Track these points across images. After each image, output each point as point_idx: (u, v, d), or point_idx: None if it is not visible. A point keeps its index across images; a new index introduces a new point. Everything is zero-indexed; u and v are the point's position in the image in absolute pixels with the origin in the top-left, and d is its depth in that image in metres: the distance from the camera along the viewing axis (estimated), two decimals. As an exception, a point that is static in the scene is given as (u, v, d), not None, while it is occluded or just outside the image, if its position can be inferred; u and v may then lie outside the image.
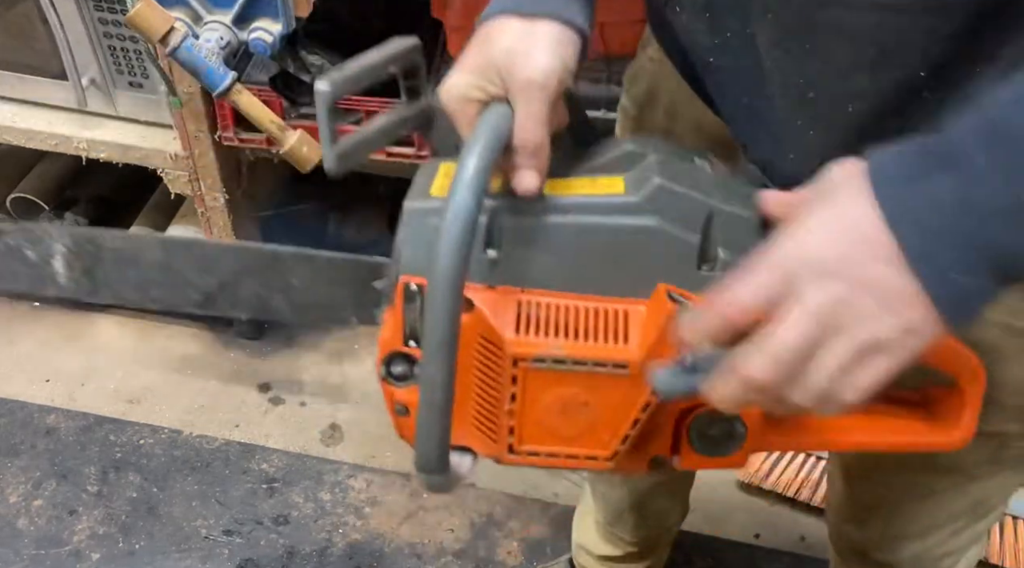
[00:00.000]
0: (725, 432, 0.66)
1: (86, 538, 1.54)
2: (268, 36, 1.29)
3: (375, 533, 1.55)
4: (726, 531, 1.56)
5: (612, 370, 0.61)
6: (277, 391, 1.76)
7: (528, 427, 0.64)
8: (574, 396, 0.62)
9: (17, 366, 1.79)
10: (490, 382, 0.64)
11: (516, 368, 0.62)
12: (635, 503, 1.24)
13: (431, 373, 0.57)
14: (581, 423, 0.64)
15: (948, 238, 0.48)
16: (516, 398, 0.63)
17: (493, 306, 0.62)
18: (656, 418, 0.64)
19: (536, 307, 0.62)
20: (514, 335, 0.61)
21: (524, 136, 0.60)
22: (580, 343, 0.61)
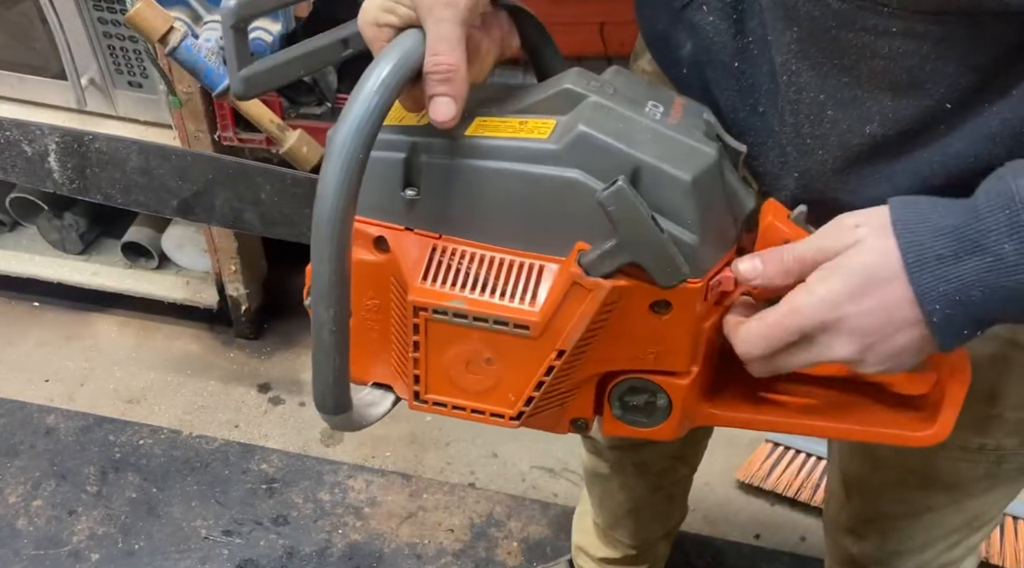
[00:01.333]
0: (647, 402, 0.64)
1: (85, 538, 1.54)
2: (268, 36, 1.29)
3: (375, 533, 1.55)
4: (726, 531, 1.56)
5: (514, 330, 0.59)
6: (277, 391, 1.76)
7: (433, 376, 0.63)
8: (477, 352, 0.61)
9: (17, 366, 1.79)
10: (400, 327, 0.63)
11: (417, 317, 0.60)
12: (633, 508, 1.23)
13: (317, 315, 0.55)
14: (486, 379, 0.62)
15: (971, 313, 0.53)
16: (419, 347, 0.62)
17: (406, 249, 0.60)
18: (570, 379, 0.62)
19: (450, 255, 0.60)
20: (420, 283, 0.60)
21: (433, 59, 0.55)
22: (484, 298, 0.59)
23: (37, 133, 0.80)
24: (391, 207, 0.60)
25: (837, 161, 0.62)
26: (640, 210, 0.53)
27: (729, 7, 0.65)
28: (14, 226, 1.89)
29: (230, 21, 0.59)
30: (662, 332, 0.60)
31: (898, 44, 0.56)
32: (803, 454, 1.60)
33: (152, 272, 1.81)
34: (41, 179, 0.81)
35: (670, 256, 0.55)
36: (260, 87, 0.62)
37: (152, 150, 0.78)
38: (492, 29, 0.60)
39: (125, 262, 1.82)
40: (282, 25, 1.30)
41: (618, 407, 0.65)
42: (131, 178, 0.80)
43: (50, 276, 1.81)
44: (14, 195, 1.82)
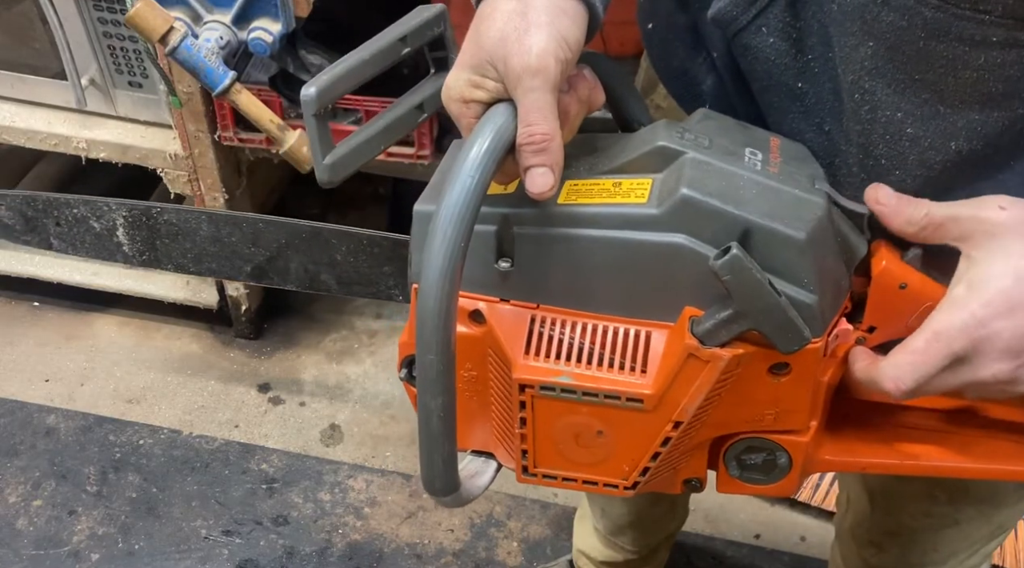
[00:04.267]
0: (767, 462, 0.61)
1: (86, 538, 1.53)
2: (268, 36, 1.29)
3: (375, 533, 1.55)
4: (726, 531, 1.56)
5: (626, 403, 0.57)
6: (277, 391, 1.76)
7: (542, 451, 0.61)
8: (587, 425, 0.59)
9: (17, 366, 1.79)
10: (503, 400, 0.61)
11: (523, 394, 0.58)
12: (635, 517, 1.23)
13: (424, 403, 0.54)
14: (597, 451, 0.60)
15: None
16: (525, 423, 0.60)
17: (504, 322, 0.58)
18: (685, 445, 0.60)
19: (550, 326, 0.58)
20: (523, 357, 0.58)
21: (527, 131, 0.53)
22: (592, 372, 0.57)
23: (104, 209, 0.81)
24: (485, 279, 0.58)
25: (917, 180, 0.58)
26: (757, 277, 0.51)
27: (789, 26, 0.61)
28: (14, 226, 1.89)
29: (312, 110, 0.58)
30: (781, 393, 0.58)
31: (995, 54, 0.53)
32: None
33: (152, 272, 1.81)
34: (111, 253, 0.82)
35: (790, 321, 0.52)
36: (346, 171, 0.61)
37: (222, 219, 0.78)
38: (579, 88, 0.58)
39: (125, 262, 1.82)
40: (282, 25, 1.30)
41: (735, 467, 0.63)
42: (202, 247, 0.79)
43: (50, 276, 1.81)
44: (14, 195, 1.82)
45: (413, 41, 0.63)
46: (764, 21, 0.61)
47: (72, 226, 0.83)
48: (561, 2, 0.54)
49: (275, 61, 1.42)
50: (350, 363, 1.80)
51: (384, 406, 1.71)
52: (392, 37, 0.62)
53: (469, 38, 0.56)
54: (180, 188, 1.60)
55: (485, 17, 0.55)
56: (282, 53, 1.38)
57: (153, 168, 1.58)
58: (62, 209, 0.82)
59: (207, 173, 1.56)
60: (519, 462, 0.62)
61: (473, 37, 0.55)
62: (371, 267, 0.76)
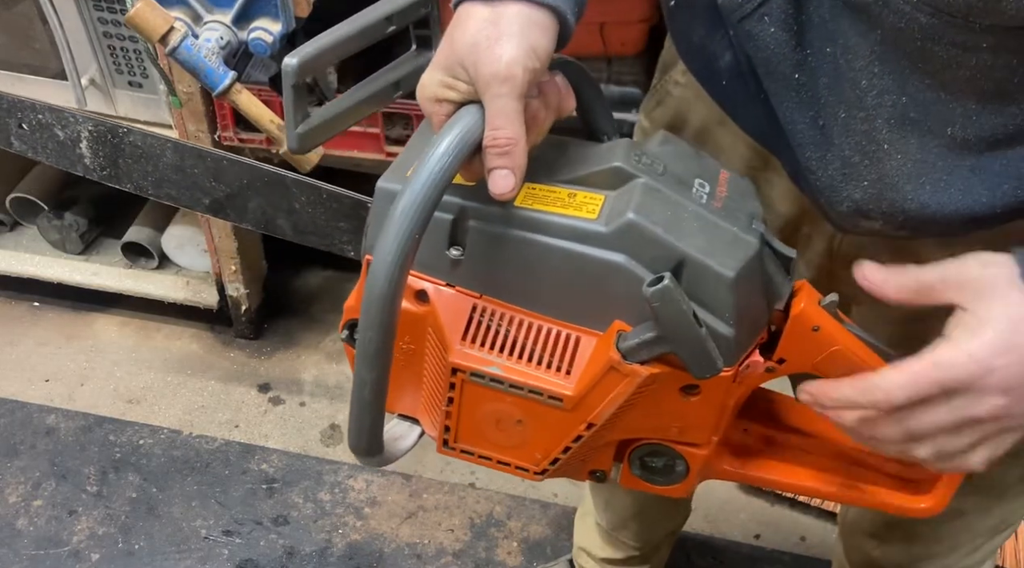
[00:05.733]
0: (667, 466, 0.66)
1: (86, 538, 1.54)
2: (268, 36, 1.29)
3: (375, 533, 1.55)
4: (726, 531, 1.56)
5: (547, 400, 0.61)
6: (277, 391, 1.76)
7: (463, 428, 0.65)
8: (509, 413, 0.63)
9: (17, 366, 1.79)
10: (435, 377, 0.65)
11: (455, 377, 0.62)
12: (638, 511, 1.23)
13: (360, 373, 0.57)
14: (514, 437, 0.64)
15: None
16: (452, 402, 0.64)
17: (447, 306, 0.62)
18: (595, 443, 0.64)
19: (489, 316, 0.62)
20: (459, 343, 0.61)
21: (492, 134, 0.56)
22: (521, 366, 0.61)
23: (71, 120, 0.81)
24: (435, 263, 0.61)
25: (916, 165, 0.61)
26: (683, 308, 0.54)
27: (791, 19, 0.63)
28: (14, 226, 1.89)
29: (291, 80, 0.60)
30: (689, 411, 0.62)
31: (986, 58, 0.55)
32: (803, 454, 1.61)
33: (152, 272, 1.81)
34: (71, 163, 0.82)
35: (707, 351, 0.56)
36: (315, 141, 0.64)
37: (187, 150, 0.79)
38: (549, 95, 0.60)
39: (125, 262, 1.82)
40: (282, 25, 1.30)
41: (637, 467, 0.67)
42: (163, 173, 0.80)
43: (50, 276, 1.81)
44: (14, 195, 1.82)
45: (400, 20, 0.65)
46: (767, 10, 0.63)
47: (35, 130, 0.83)
48: (532, 13, 0.56)
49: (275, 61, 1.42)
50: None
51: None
52: (379, 15, 0.64)
53: (445, 40, 0.58)
54: (180, 188, 1.60)
55: (460, 23, 0.57)
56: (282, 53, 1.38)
57: (153, 168, 1.58)
58: (27, 112, 0.83)
59: (207, 173, 1.56)
60: (441, 435, 0.67)
61: (448, 40, 0.58)
62: (328, 220, 0.78)
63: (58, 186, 1.85)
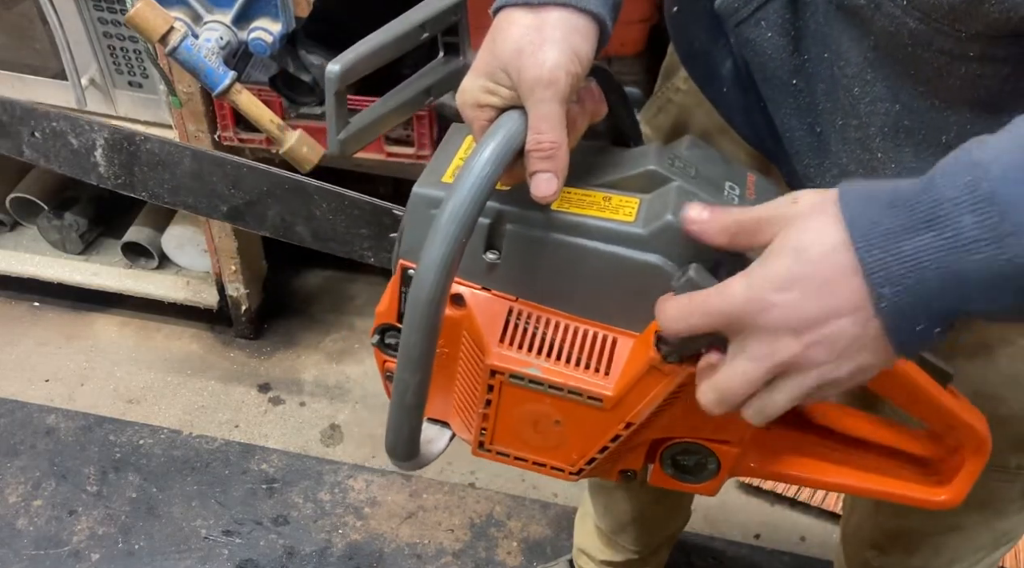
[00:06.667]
0: (698, 464, 0.67)
1: (86, 538, 1.54)
2: (268, 36, 1.29)
3: (375, 533, 1.55)
4: (726, 531, 1.56)
5: (587, 401, 0.61)
6: (277, 391, 1.76)
7: (500, 430, 0.66)
8: (547, 414, 0.63)
9: (17, 366, 1.79)
10: (470, 379, 0.65)
11: (493, 379, 0.62)
12: (637, 516, 1.23)
13: (403, 378, 0.58)
14: (551, 438, 0.65)
15: (926, 301, 0.47)
16: (490, 404, 0.64)
17: (484, 309, 0.62)
18: (631, 443, 0.64)
19: (526, 319, 0.62)
20: (498, 346, 0.62)
21: (536, 138, 0.57)
22: (560, 367, 0.61)
23: (86, 128, 0.80)
24: (471, 267, 0.62)
25: (911, 174, 0.57)
26: None
27: (788, 24, 0.63)
28: (14, 226, 1.89)
29: (334, 87, 0.61)
30: None
31: (975, 67, 0.54)
32: (803, 454, 1.61)
33: (152, 272, 1.81)
34: (85, 171, 0.81)
35: None
36: (355, 147, 0.65)
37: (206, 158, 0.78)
38: (585, 101, 0.61)
39: (125, 262, 1.82)
40: (282, 25, 1.30)
41: (669, 465, 0.67)
42: (181, 181, 0.80)
43: (50, 276, 1.81)
44: (14, 195, 1.82)
45: (432, 27, 0.66)
46: (764, 15, 0.63)
47: (49, 138, 0.82)
48: (574, 19, 0.57)
49: (275, 61, 1.42)
50: (350, 363, 1.80)
51: (384, 406, 1.70)
52: (413, 22, 0.65)
53: (485, 47, 0.59)
54: (180, 188, 1.60)
55: (502, 29, 0.58)
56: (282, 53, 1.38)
57: (153, 168, 1.58)
58: (40, 120, 0.82)
59: (207, 173, 1.56)
60: (476, 437, 0.67)
61: (489, 47, 0.58)
62: (348, 227, 0.77)
63: (58, 186, 1.85)
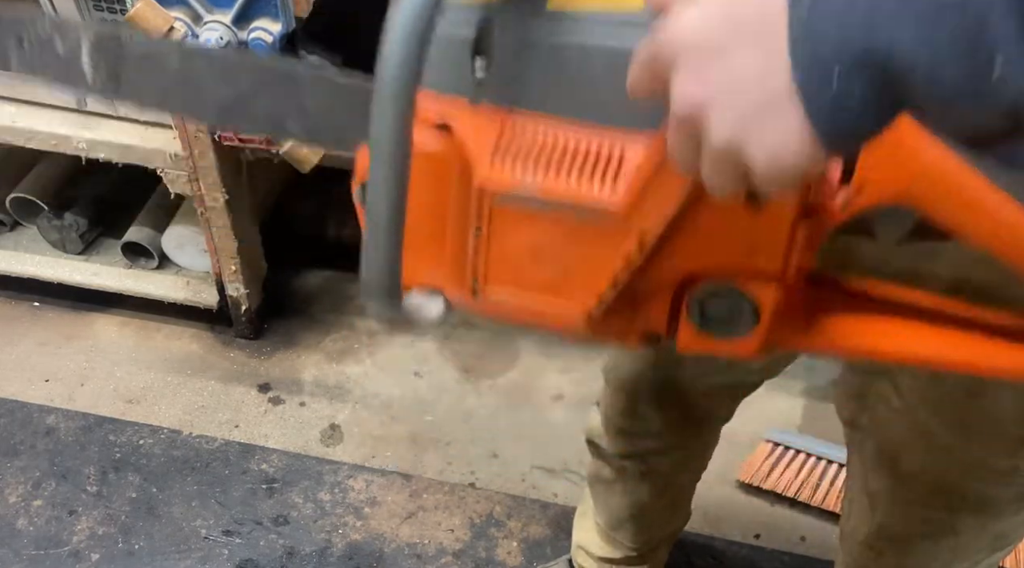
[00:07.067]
0: (732, 310, 0.56)
1: (86, 538, 1.54)
2: (268, 36, 1.29)
3: (375, 533, 1.55)
4: (726, 531, 1.56)
5: (592, 216, 0.53)
6: (277, 391, 1.76)
7: (494, 269, 0.57)
8: (548, 241, 0.55)
9: (17, 366, 1.79)
10: (460, 215, 0.57)
11: (482, 203, 0.55)
12: (636, 513, 1.23)
13: (374, 194, 0.50)
14: (554, 272, 0.56)
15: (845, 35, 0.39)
16: (480, 232, 0.56)
17: (473, 128, 0.54)
18: (646, 282, 0.55)
19: (521, 133, 0.54)
20: (488, 164, 0.54)
21: None
22: (560, 180, 0.53)
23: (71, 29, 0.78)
24: (457, 81, 0.54)
25: None
26: None
27: None
28: (14, 226, 1.89)
29: None
30: (754, 228, 0.53)
31: None
32: (803, 454, 1.60)
33: (152, 272, 1.81)
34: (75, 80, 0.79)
35: None
36: None
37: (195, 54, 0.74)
38: None
39: (125, 262, 1.82)
40: (282, 25, 1.30)
41: (697, 315, 0.57)
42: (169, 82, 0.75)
43: (50, 276, 1.81)
44: (14, 195, 1.82)
45: None
46: None
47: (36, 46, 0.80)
48: None
49: (275, 61, 1.42)
50: (350, 363, 1.80)
51: (384, 406, 1.71)
52: None
53: None
54: (180, 188, 1.60)
55: None
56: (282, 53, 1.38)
57: (153, 168, 1.58)
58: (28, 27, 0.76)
59: (207, 173, 1.56)
60: (469, 283, 0.58)
61: None
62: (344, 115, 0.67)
63: (58, 186, 1.85)
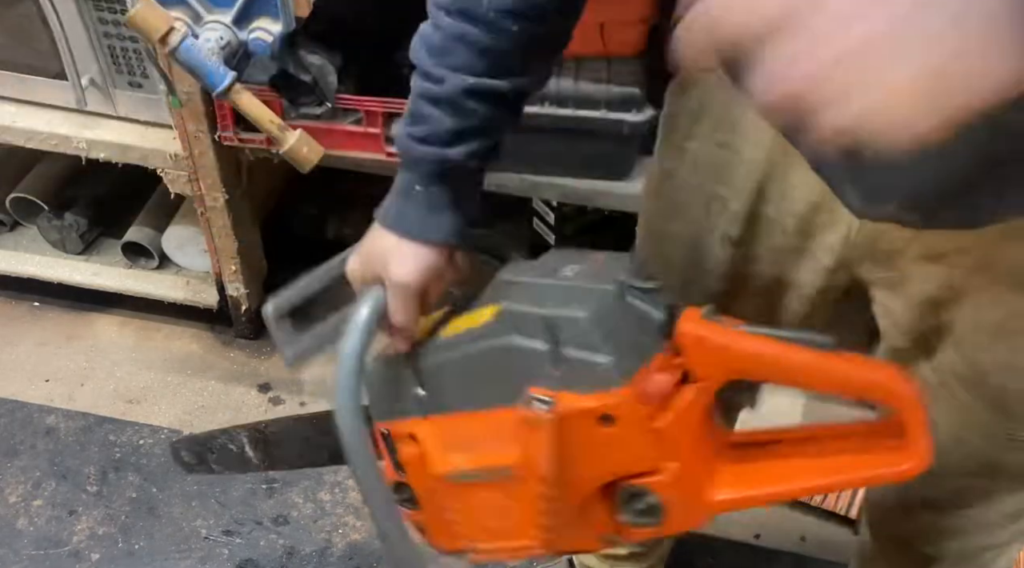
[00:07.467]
0: (648, 504, 0.69)
1: (86, 538, 1.54)
2: (268, 36, 1.29)
3: (375, 533, 1.55)
4: (726, 531, 1.56)
5: (503, 474, 0.70)
6: (277, 391, 1.76)
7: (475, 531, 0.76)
8: (494, 499, 0.72)
9: (17, 366, 1.79)
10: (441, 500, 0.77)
11: (443, 484, 0.74)
12: None
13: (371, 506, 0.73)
14: (507, 521, 0.73)
15: None
16: (455, 510, 0.76)
17: (429, 436, 0.75)
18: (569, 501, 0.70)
19: (453, 428, 0.73)
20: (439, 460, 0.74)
21: (392, 319, 0.75)
22: (475, 456, 0.72)
23: None
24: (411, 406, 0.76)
25: None
26: None
27: None
28: (14, 226, 1.89)
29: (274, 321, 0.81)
30: (618, 442, 0.67)
31: None
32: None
33: (152, 272, 1.81)
34: None
35: None
36: (308, 361, 0.84)
37: None
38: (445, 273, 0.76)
39: (125, 262, 1.82)
40: (282, 25, 1.30)
41: (631, 516, 0.70)
42: None
43: (50, 276, 1.81)
44: (14, 195, 1.82)
45: None
46: None
47: None
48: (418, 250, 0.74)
49: (275, 61, 1.42)
50: (350, 363, 1.80)
51: (384, 406, 1.71)
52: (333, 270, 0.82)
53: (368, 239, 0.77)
54: (180, 188, 1.60)
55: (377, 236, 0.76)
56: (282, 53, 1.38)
57: (153, 168, 1.58)
58: None
59: (207, 173, 1.56)
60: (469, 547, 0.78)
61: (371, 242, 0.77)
62: None
63: (58, 186, 1.85)
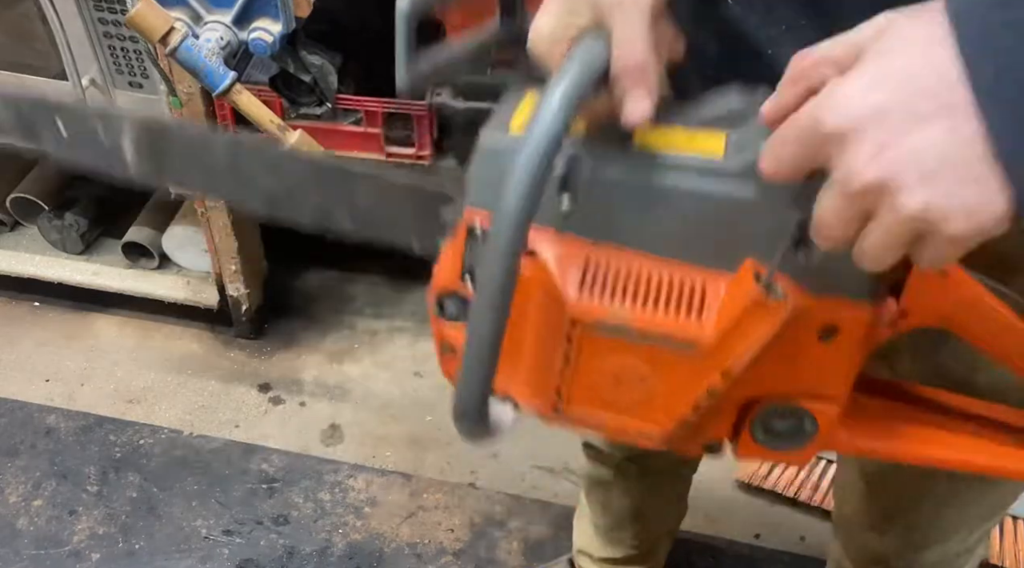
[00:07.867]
0: (793, 427, 0.61)
1: (86, 538, 1.54)
2: (268, 36, 1.29)
3: (375, 533, 1.55)
4: (726, 531, 1.56)
5: (679, 347, 0.56)
6: (277, 391, 1.76)
7: (578, 391, 0.60)
8: (632, 368, 0.58)
9: (17, 366, 1.79)
10: (545, 337, 0.60)
11: (573, 330, 0.57)
12: (635, 512, 1.23)
13: (479, 326, 0.53)
14: (636, 395, 0.59)
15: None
16: (569, 360, 0.59)
17: (559, 258, 0.57)
18: (719, 402, 0.59)
19: (606, 265, 0.57)
20: (577, 295, 0.57)
21: (624, 55, 0.52)
22: (648, 312, 0.56)
23: None
24: (543, 212, 0.56)
25: None
26: None
27: None
28: (14, 226, 1.89)
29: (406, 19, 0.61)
30: (825, 358, 0.57)
31: None
32: (803, 454, 1.61)
33: (152, 272, 1.81)
34: None
35: None
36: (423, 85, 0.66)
37: None
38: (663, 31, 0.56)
39: (126, 262, 1.82)
40: (282, 25, 1.30)
41: (761, 432, 0.61)
42: None
43: (50, 276, 1.81)
44: (14, 195, 1.82)
45: None
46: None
47: None
48: None
49: (275, 61, 1.42)
50: (350, 363, 1.80)
51: (384, 406, 1.72)
52: None
53: None
54: (180, 188, 1.60)
55: None
56: (282, 53, 1.38)
57: (153, 168, 1.58)
58: None
59: (207, 173, 1.56)
60: (551, 401, 0.61)
61: None
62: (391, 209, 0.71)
63: (58, 186, 1.86)
